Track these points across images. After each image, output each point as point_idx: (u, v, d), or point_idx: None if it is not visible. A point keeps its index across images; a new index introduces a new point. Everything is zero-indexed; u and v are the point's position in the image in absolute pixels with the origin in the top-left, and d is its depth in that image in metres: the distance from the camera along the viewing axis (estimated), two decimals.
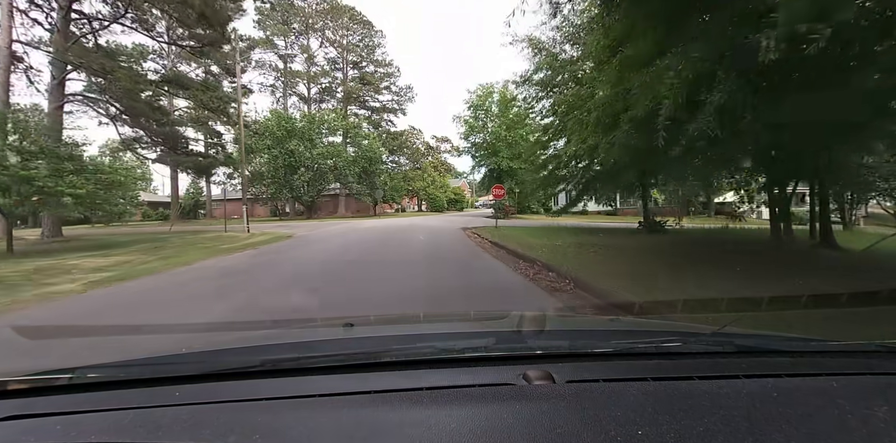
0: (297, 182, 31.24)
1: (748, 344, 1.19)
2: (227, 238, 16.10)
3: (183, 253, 10.39)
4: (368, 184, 35.57)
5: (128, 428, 0.77)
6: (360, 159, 33.86)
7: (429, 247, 11.42)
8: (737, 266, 6.24)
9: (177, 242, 14.25)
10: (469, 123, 32.28)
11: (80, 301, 5.16)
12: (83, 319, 4.38)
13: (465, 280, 6.26)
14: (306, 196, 32.36)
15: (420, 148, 57.27)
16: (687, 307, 3.67)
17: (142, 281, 6.48)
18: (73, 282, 6.39)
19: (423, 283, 5.85)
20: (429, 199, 54.91)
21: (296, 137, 31.60)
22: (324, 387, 0.92)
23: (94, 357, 1.15)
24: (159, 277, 6.84)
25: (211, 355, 1.20)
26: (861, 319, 3.50)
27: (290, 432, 0.75)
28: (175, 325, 3.77)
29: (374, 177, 35.88)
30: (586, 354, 1.10)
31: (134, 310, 4.73)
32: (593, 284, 5.21)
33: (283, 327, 2.69)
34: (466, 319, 2.20)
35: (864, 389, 0.92)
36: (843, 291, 4.06)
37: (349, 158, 32.13)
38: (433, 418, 0.78)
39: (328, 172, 31.89)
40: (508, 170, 30.90)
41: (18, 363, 2.21)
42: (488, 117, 32.96)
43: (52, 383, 0.94)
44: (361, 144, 33.68)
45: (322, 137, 34.17)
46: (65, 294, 5.53)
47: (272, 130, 30.81)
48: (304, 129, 32.39)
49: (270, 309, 4.46)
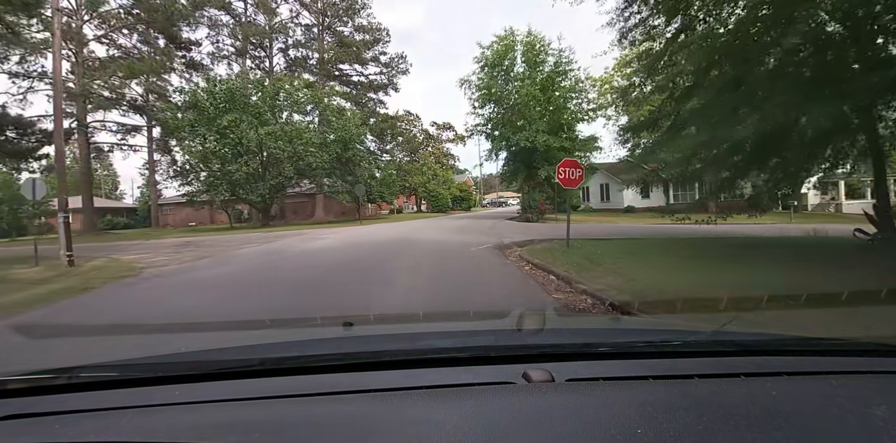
0: (237, 175, 21.50)
1: (748, 343, 1.19)
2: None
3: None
4: (346, 177, 25.81)
5: (127, 428, 0.77)
6: (333, 143, 24.06)
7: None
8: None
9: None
10: (484, 86, 22.39)
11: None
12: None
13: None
14: (255, 196, 22.62)
15: (418, 136, 47.49)
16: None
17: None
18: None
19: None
20: (429, 197, 44.99)
21: (236, 111, 21.84)
22: (324, 386, 0.91)
23: (94, 357, 1.18)
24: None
25: (210, 355, 1.17)
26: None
27: (290, 431, 0.74)
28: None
29: (353, 167, 26.11)
30: (586, 353, 1.08)
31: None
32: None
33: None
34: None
35: (864, 388, 0.91)
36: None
37: (312, 140, 22.37)
38: (433, 416, 0.77)
39: (285, 160, 22.14)
40: (546, 150, 21.17)
41: (17, 363, 1.68)
42: (509, 79, 23.16)
43: (51, 382, 0.93)
44: (332, 122, 23.86)
45: (278, 112, 24.37)
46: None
47: (201, 102, 21.11)
48: (246, 99, 22.59)
49: None
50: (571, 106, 23.23)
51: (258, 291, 5.92)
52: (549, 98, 22.21)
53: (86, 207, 28.66)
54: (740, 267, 6.21)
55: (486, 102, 23.21)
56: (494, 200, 73.30)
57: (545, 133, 20.82)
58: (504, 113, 23.01)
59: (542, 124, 21.14)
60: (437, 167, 47.30)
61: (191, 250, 12.17)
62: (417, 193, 45.30)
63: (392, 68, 38.35)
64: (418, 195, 46.83)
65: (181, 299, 5.58)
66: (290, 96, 23.49)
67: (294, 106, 24.44)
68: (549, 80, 21.77)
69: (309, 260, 9.01)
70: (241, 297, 5.57)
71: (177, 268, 8.73)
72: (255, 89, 22.95)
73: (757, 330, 1.48)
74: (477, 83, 23.33)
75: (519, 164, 23.54)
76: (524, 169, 23.33)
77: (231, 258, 10.00)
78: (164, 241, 17.33)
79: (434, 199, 44.46)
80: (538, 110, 21.74)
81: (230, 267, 8.56)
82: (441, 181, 46.27)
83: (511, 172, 24.77)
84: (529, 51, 22.20)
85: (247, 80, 22.75)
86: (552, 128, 21.53)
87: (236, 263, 9.19)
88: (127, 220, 46.94)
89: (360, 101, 36.93)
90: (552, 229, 15.64)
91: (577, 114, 22.82)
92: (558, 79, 22.49)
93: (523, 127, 21.42)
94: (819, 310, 3.68)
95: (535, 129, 20.82)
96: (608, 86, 28.84)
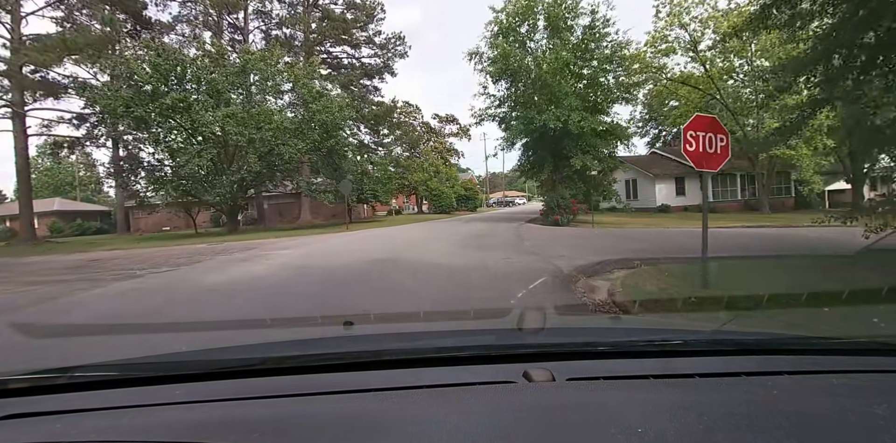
0: (187, 169, 16.79)
1: (749, 343, 1.18)
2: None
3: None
4: (330, 172, 21.11)
5: (128, 427, 0.76)
6: (310, 129, 19.36)
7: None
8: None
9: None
10: (500, 56, 17.53)
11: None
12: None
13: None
14: (212, 195, 17.94)
15: (418, 129, 42.77)
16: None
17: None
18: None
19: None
20: (431, 196, 40.22)
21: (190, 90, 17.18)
22: (324, 385, 0.90)
23: (94, 356, 1.16)
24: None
25: (211, 354, 1.16)
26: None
27: (290, 430, 0.73)
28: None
29: (338, 160, 21.37)
30: (587, 352, 1.07)
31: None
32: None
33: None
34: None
35: (865, 386, 0.91)
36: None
37: (283, 125, 17.67)
38: (434, 415, 0.77)
39: (247, 147, 17.42)
40: (579, 134, 16.44)
41: (18, 362, 2.15)
42: (526, 52, 18.37)
43: (52, 382, 0.93)
44: (310, 105, 19.12)
45: (246, 93, 19.67)
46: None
47: (138, 74, 16.42)
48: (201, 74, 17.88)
49: None
50: (608, 79, 18.51)
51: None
52: (581, 69, 17.49)
53: (24, 211, 23.95)
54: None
55: (502, 77, 18.41)
56: (500, 200, 68.42)
57: (581, 111, 16.05)
58: (525, 90, 18.26)
59: (574, 100, 16.39)
60: (440, 163, 42.58)
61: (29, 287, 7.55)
62: (418, 191, 40.56)
63: (388, 51, 33.65)
64: (419, 194, 42.09)
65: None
66: (260, 71, 18.77)
67: (266, 83, 19.73)
68: (583, 44, 17.01)
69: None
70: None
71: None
72: (213, 62, 18.19)
73: (757, 329, 1.50)
74: (489, 55, 18.54)
75: (544, 152, 18.77)
76: (550, 159, 18.59)
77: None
78: (72, 258, 12.72)
79: (436, 198, 39.67)
80: (570, 83, 16.99)
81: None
82: (444, 178, 41.52)
83: (533, 163, 19.97)
84: (555, 8, 17.39)
85: (206, 53, 18.06)
86: (588, 104, 16.81)
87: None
88: (101, 224, 42.48)
89: (350, 85, 32.19)
90: (608, 239, 10.93)
91: (614, 90, 18.09)
92: (591, 45, 17.77)
93: (551, 104, 16.65)
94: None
95: (568, 105, 16.06)
96: (639, 64, 23.82)
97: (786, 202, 30.29)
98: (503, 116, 20.32)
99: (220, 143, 18.47)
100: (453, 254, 8.09)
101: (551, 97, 16.74)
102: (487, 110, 20.45)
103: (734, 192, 31.30)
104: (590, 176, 17.98)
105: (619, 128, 19.04)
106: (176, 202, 19.87)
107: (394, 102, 34.04)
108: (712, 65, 23.81)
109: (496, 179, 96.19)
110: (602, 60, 17.48)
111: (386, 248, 9.75)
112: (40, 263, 11.37)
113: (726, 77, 24.82)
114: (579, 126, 16.06)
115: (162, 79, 16.98)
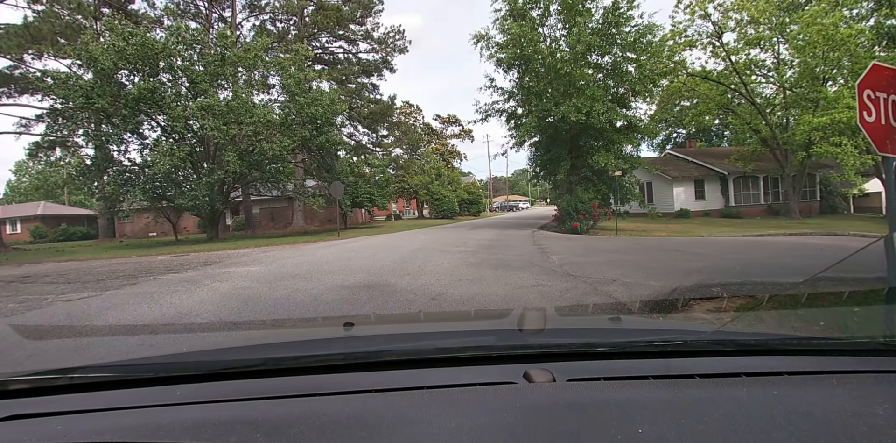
0: (156, 169, 14.68)
1: (749, 343, 1.17)
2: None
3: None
4: (320, 173, 18.98)
5: (128, 428, 0.76)
6: (297, 124, 17.28)
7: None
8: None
9: None
10: (512, 39, 15.41)
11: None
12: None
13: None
14: (185, 200, 15.84)
15: (418, 129, 40.72)
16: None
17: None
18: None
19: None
20: (432, 200, 38.07)
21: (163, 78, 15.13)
22: (325, 386, 0.90)
23: (95, 357, 1.18)
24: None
25: (211, 355, 1.15)
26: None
27: (291, 431, 0.73)
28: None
29: (330, 160, 19.25)
30: (587, 352, 1.06)
31: None
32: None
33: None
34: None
35: (866, 387, 0.90)
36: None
37: (266, 118, 15.61)
38: (434, 416, 0.76)
39: (226, 144, 15.34)
40: (601, 127, 14.33)
41: (19, 363, 2.13)
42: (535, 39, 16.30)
43: (52, 382, 0.92)
44: (297, 98, 17.04)
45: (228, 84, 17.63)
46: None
47: (99, 60, 14.39)
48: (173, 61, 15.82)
49: None
50: (630, 70, 16.43)
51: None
52: (602, 55, 15.41)
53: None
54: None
55: (513, 64, 16.32)
56: (504, 204, 66.18)
57: (607, 101, 13.93)
58: (539, 80, 16.14)
59: (598, 90, 14.28)
60: (442, 165, 40.50)
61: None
62: (419, 195, 38.43)
63: (386, 45, 31.70)
64: (419, 198, 39.96)
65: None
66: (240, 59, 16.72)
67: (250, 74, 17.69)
68: (605, 28, 14.91)
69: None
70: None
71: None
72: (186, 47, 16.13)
73: (757, 330, 1.39)
74: (499, 40, 16.46)
75: (559, 150, 16.65)
76: (567, 157, 16.46)
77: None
78: (11, 272, 10.62)
79: (438, 202, 37.52)
80: (589, 73, 14.90)
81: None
82: (446, 181, 39.41)
83: (545, 163, 17.82)
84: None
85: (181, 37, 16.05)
86: (613, 95, 14.71)
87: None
88: (88, 228, 40.50)
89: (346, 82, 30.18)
90: (650, 252, 8.79)
91: (641, 80, 15.98)
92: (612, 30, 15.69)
93: (571, 94, 14.53)
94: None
95: (591, 95, 13.95)
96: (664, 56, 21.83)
97: (812, 206, 28.13)
98: (512, 111, 18.27)
99: (196, 139, 16.40)
100: (463, 278, 5.96)
101: (569, 87, 14.63)
102: (494, 105, 18.41)
103: (757, 196, 29.15)
104: (612, 177, 15.88)
105: (641, 122, 16.97)
106: (148, 207, 17.75)
107: (392, 100, 31.99)
108: (737, 57, 21.86)
109: (498, 183, 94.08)
110: (625, 46, 15.38)
111: (376, 266, 7.63)
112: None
113: (749, 72, 22.86)
114: (603, 119, 13.94)
115: (128, 65, 14.95)
